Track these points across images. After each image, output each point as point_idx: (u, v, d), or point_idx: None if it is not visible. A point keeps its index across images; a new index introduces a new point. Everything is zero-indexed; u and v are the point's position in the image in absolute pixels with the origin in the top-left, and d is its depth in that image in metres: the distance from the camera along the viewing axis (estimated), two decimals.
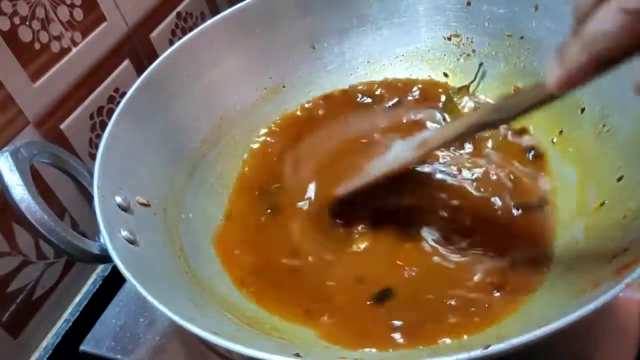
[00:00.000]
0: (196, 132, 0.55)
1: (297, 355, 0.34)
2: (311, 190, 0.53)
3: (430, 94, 0.60)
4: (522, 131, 0.54)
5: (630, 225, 0.39)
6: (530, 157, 0.52)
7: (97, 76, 0.57)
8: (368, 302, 0.44)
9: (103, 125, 0.57)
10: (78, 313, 0.53)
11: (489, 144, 0.54)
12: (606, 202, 0.44)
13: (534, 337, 0.28)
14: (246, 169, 0.57)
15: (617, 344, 0.40)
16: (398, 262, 0.46)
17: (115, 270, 0.38)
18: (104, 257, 0.40)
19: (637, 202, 0.40)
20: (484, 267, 0.44)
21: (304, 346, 0.40)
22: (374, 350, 0.40)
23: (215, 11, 0.74)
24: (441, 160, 0.53)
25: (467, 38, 0.59)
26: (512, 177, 0.51)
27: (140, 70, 0.61)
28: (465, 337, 0.39)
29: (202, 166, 0.54)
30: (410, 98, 0.60)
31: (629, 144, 0.44)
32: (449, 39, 0.60)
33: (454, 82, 0.60)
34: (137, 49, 0.62)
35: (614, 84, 0.46)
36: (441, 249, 0.46)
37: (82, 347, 0.49)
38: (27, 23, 0.49)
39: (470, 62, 0.59)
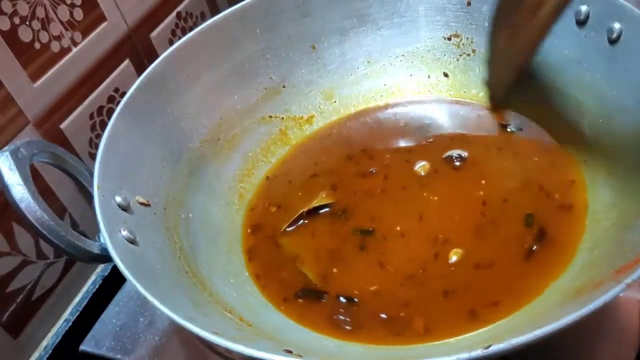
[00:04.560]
0: (196, 132, 0.55)
1: (299, 355, 0.34)
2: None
3: None
4: (520, 130, 0.54)
5: (630, 226, 0.39)
6: None
7: (97, 76, 0.57)
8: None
9: (103, 125, 0.57)
10: (78, 313, 0.53)
11: None
12: (606, 202, 0.44)
13: (534, 337, 0.28)
14: None
15: (617, 344, 0.40)
16: None
17: (115, 270, 0.38)
18: (104, 257, 0.40)
19: (637, 202, 0.40)
20: None
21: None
22: None
23: (215, 11, 0.74)
24: None
25: (467, 38, 0.59)
26: None
27: (140, 70, 0.61)
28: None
29: (202, 166, 0.54)
30: None
31: (629, 144, 0.44)
32: (449, 39, 0.60)
33: (454, 82, 0.60)
34: (137, 49, 0.62)
35: (614, 84, 0.47)
36: None
37: (82, 347, 0.49)
38: (27, 23, 0.49)
39: (470, 62, 0.59)
